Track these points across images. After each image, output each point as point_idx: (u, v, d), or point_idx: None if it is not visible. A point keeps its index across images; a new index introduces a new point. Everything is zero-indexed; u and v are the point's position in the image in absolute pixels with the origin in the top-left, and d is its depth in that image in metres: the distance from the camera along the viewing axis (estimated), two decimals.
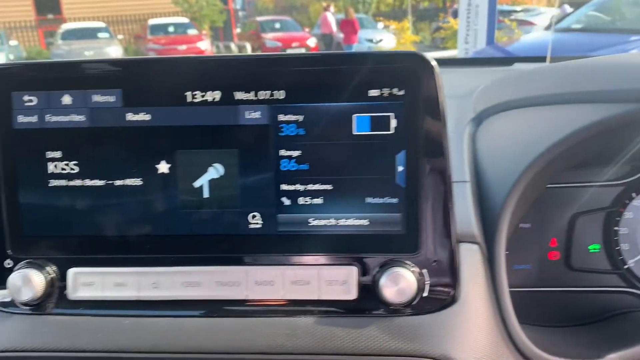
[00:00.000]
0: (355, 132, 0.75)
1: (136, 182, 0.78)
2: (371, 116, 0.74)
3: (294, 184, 0.77)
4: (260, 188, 0.77)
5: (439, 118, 0.74)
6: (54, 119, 0.78)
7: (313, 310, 0.77)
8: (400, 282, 0.74)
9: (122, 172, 0.78)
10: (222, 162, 0.77)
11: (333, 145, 0.75)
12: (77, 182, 0.78)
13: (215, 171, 0.77)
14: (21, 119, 0.78)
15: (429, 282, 0.77)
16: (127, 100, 0.77)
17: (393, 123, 0.74)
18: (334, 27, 14.86)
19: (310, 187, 0.77)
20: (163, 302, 0.79)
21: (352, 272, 0.77)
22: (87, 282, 0.79)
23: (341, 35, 13.87)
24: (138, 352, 0.75)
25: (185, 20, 18.28)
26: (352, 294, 0.77)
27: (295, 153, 0.76)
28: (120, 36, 19.16)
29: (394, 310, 0.76)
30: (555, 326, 0.99)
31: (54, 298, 0.80)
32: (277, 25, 17.85)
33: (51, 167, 0.78)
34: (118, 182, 0.78)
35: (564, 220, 1.01)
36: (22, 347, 0.77)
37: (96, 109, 0.77)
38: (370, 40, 15.49)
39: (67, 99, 0.77)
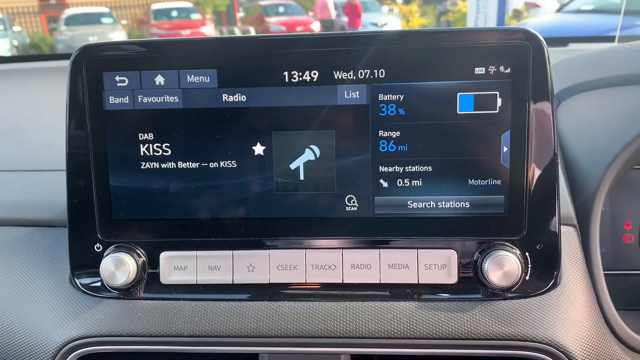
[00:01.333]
0: (459, 112, 0.73)
1: (231, 164, 0.76)
2: (475, 95, 0.72)
3: (393, 166, 0.75)
4: (357, 170, 0.75)
5: (547, 97, 0.72)
6: (146, 99, 0.76)
7: (412, 295, 0.76)
8: (505, 266, 0.72)
9: (217, 154, 0.76)
10: (319, 143, 0.75)
11: (434, 125, 0.74)
12: (170, 165, 0.77)
13: (312, 153, 0.76)
14: (112, 100, 0.76)
15: (531, 265, 0.75)
16: (223, 81, 0.75)
17: (499, 102, 0.72)
18: (333, 13, 14.67)
19: (410, 168, 0.75)
20: (258, 285, 0.77)
21: (452, 255, 0.76)
22: (180, 266, 0.78)
23: (344, 19, 13.72)
24: (237, 337, 0.74)
25: (188, 4, 18.12)
26: (452, 277, 0.76)
27: (395, 134, 0.74)
28: (123, 21, 19.04)
29: (494, 294, 0.75)
30: (631, 309, 0.98)
31: (146, 282, 0.79)
32: (281, 9, 17.68)
33: (143, 149, 0.77)
34: (212, 165, 0.76)
35: (638, 203, 0.99)
36: (117, 332, 0.76)
37: (190, 89, 0.75)
38: (375, 24, 15.34)
39: (159, 79, 0.75)
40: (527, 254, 0.75)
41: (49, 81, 1.35)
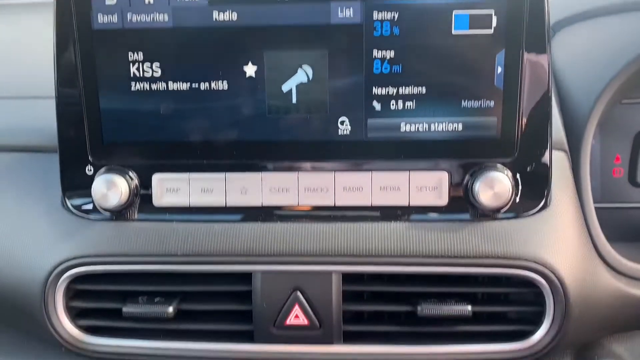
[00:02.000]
0: (453, 32, 0.72)
1: (222, 85, 0.75)
2: (471, 14, 0.71)
3: (386, 87, 0.74)
4: (350, 92, 0.75)
5: (543, 16, 0.71)
6: (136, 18, 0.74)
7: (403, 216, 0.77)
8: (495, 186, 0.73)
9: (208, 75, 0.75)
10: (311, 64, 0.74)
11: (429, 45, 0.73)
12: (160, 86, 0.76)
13: (304, 74, 0.75)
14: (101, 18, 0.74)
15: (522, 186, 0.76)
16: None
17: (494, 21, 0.71)
18: None
19: (403, 90, 0.74)
20: (251, 208, 0.78)
21: (444, 177, 0.76)
22: (172, 188, 0.78)
23: None
24: (230, 256, 0.75)
25: None
26: (443, 199, 0.76)
27: (389, 54, 0.73)
28: None
29: (484, 214, 0.76)
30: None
31: (139, 205, 0.79)
32: None
33: (133, 70, 0.75)
34: (203, 86, 0.75)
35: (629, 137, 1.00)
36: (110, 252, 0.77)
37: (180, 8, 0.73)
38: None
39: None
40: (517, 175, 0.75)
41: (37, 17, 1.32)
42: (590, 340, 0.84)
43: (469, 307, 0.74)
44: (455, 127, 0.75)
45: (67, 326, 0.79)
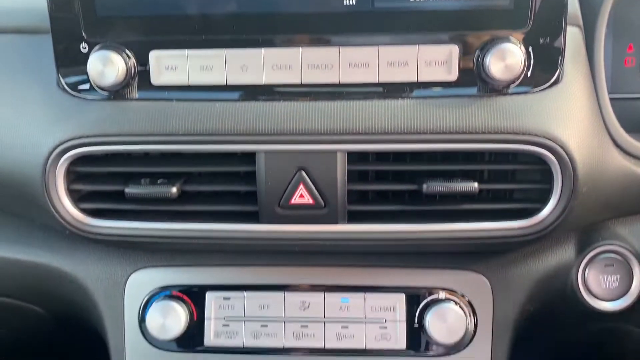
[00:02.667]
0: None
1: None
2: None
3: None
4: None
5: None
6: None
7: (410, 93, 0.74)
8: (507, 58, 0.70)
9: None
10: None
11: None
12: None
13: None
14: None
15: (534, 60, 0.73)
16: None
17: None
18: None
19: None
20: (253, 86, 0.75)
21: (454, 50, 0.73)
22: (170, 66, 0.75)
23: None
24: (233, 135, 0.73)
25: None
26: (452, 74, 0.73)
27: None
28: None
29: (495, 89, 0.73)
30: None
31: (137, 84, 0.76)
32: None
33: None
34: None
35: None
36: (109, 132, 0.75)
37: None
38: None
39: None
40: (530, 48, 0.72)
41: None
42: (595, 221, 0.84)
43: (475, 184, 0.73)
44: None
45: (70, 209, 0.78)
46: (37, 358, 1.29)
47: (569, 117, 0.73)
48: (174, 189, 0.75)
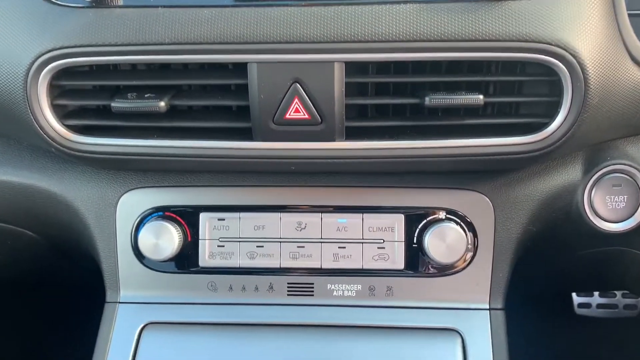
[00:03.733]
0: None
1: None
2: None
3: None
4: None
5: None
6: None
7: None
8: None
9: None
10: None
11: None
12: None
13: None
14: None
15: None
16: None
17: None
18: None
19: None
20: None
21: None
22: None
23: None
24: (223, 44, 0.69)
25: None
26: None
27: None
28: None
29: None
30: None
31: None
32: None
33: None
34: None
35: None
36: (92, 42, 0.70)
37: None
38: None
39: None
40: None
41: None
42: (604, 140, 0.81)
43: (481, 97, 0.69)
44: None
45: (55, 125, 0.75)
46: (38, 286, 1.30)
47: (582, 24, 0.68)
48: (162, 103, 0.71)
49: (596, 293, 1.64)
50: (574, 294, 1.63)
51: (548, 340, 1.57)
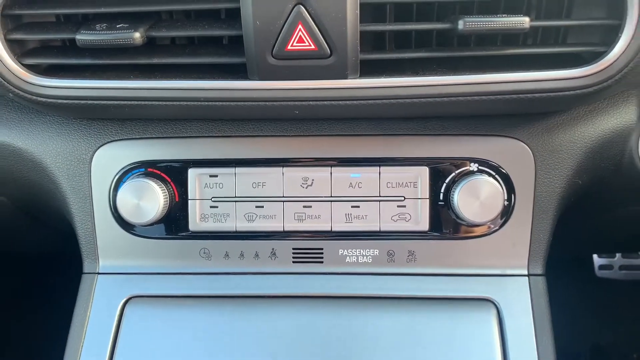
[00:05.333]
0: None
1: None
2: None
3: None
4: None
5: None
6: None
7: None
8: None
9: None
10: None
11: None
12: None
13: None
14: None
15: None
16: None
17: None
18: None
19: None
20: None
21: None
22: None
23: None
24: None
25: None
26: None
27: None
28: None
29: None
30: None
31: None
32: None
33: None
34: None
35: None
36: None
37: None
38: None
39: None
40: None
41: None
42: None
43: (526, 19, 0.56)
44: None
45: (10, 64, 0.62)
46: (10, 256, 1.19)
47: None
48: (137, 35, 0.59)
49: (618, 255, 1.55)
50: (595, 256, 1.53)
51: (569, 304, 1.47)
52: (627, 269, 1.54)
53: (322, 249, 0.72)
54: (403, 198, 0.70)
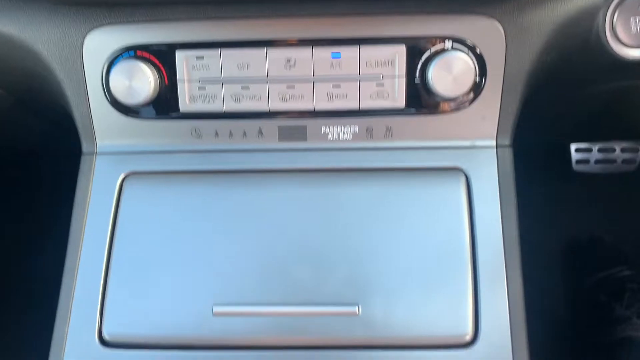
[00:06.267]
0: None
1: None
2: None
3: None
4: None
5: None
6: None
7: None
8: None
9: None
10: None
11: None
12: None
13: None
14: None
15: None
16: None
17: None
18: None
19: None
20: None
21: None
22: None
23: None
24: None
25: None
26: None
27: None
28: None
29: None
30: None
31: None
32: None
33: None
34: None
35: None
36: None
37: None
38: None
39: None
40: None
41: None
42: None
43: None
44: None
45: None
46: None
47: None
48: None
49: (595, 149, 1.61)
50: (572, 150, 1.59)
51: (545, 197, 1.55)
52: (603, 162, 1.61)
53: (305, 126, 0.77)
54: (381, 77, 0.74)
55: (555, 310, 1.46)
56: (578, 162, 1.62)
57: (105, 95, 0.76)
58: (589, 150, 1.61)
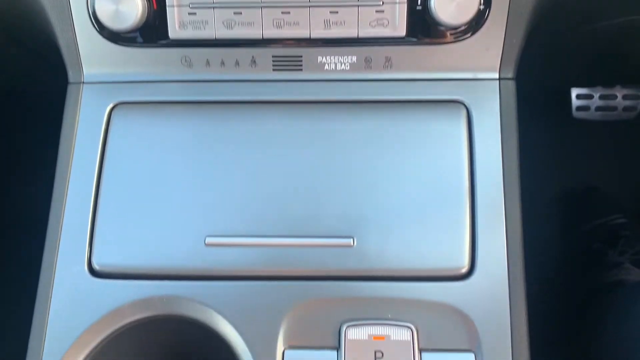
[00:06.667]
0: None
1: None
2: None
3: None
4: None
5: None
6: None
7: None
8: None
9: None
10: None
11: None
12: None
13: None
14: None
15: None
16: None
17: None
18: None
19: None
20: None
21: None
22: None
23: None
24: None
25: None
26: None
27: None
28: None
29: None
30: None
31: None
32: None
33: None
34: None
35: None
36: None
37: None
38: None
39: None
40: None
41: None
42: None
43: None
44: None
45: None
46: None
47: None
48: None
49: (596, 95, 1.58)
50: (573, 96, 1.56)
51: (544, 143, 1.54)
52: (603, 109, 1.59)
53: (301, 56, 0.74)
54: (381, 3, 0.70)
55: (550, 254, 1.46)
56: (578, 108, 1.60)
57: (91, 19, 0.72)
58: (590, 96, 1.58)
